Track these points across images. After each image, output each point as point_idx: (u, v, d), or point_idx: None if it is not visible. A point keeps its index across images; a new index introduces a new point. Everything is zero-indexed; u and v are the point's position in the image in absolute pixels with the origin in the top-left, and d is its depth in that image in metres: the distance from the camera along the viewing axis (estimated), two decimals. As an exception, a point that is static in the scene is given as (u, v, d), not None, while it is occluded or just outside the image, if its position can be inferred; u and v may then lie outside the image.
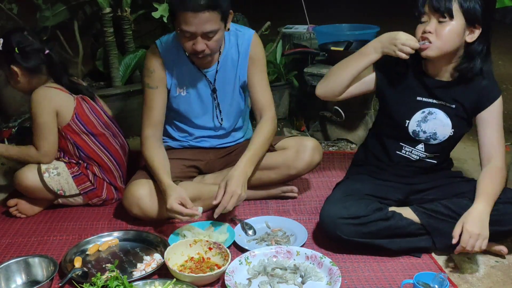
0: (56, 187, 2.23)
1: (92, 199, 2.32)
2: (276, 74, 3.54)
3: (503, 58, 5.29)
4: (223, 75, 2.20)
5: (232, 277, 1.74)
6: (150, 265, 1.85)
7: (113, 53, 3.33)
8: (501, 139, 1.94)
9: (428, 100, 1.96)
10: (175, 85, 2.20)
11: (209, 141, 2.35)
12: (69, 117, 2.22)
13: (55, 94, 2.21)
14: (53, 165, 2.25)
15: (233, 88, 2.24)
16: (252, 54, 2.20)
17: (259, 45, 2.23)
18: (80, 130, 2.25)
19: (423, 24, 1.85)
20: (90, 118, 2.28)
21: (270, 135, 2.20)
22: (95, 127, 2.29)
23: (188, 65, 2.17)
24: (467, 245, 1.74)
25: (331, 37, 3.40)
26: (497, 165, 1.90)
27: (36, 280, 1.79)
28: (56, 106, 2.20)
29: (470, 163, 2.79)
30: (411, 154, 2.03)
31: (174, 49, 2.16)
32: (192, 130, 2.32)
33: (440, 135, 1.97)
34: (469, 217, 1.77)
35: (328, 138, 3.22)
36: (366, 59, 1.94)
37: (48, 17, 3.24)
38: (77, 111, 2.23)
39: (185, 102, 2.23)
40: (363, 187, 2.01)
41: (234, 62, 2.21)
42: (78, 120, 2.24)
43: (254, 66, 2.22)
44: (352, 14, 5.50)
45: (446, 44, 1.83)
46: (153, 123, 2.19)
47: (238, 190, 2.00)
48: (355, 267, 1.86)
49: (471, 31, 1.84)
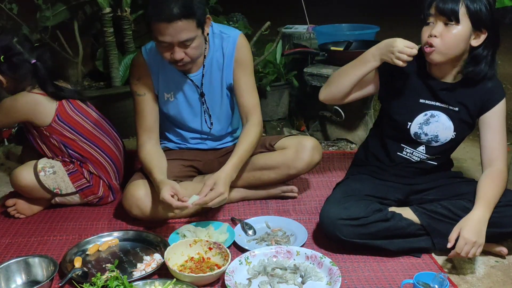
0: (52, 186, 2.23)
1: (88, 197, 2.31)
2: (276, 74, 3.54)
3: (503, 58, 5.29)
4: (209, 79, 2.19)
5: (232, 277, 1.74)
6: (150, 265, 1.85)
7: (113, 53, 3.33)
8: (503, 142, 1.93)
9: (431, 103, 1.96)
10: (162, 91, 2.20)
11: (206, 143, 2.35)
12: (49, 119, 2.22)
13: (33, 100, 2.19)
14: (49, 164, 2.25)
15: (221, 91, 2.22)
16: (237, 57, 2.16)
17: (245, 47, 2.18)
18: (65, 130, 2.25)
19: (429, 27, 1.83)
20: (75, 119, 2.27)
21: (256, 140, 2.18)
22: (82, 127, 2.29)
23: (173, 70, 2.15)
24: (462, 252, 1.74)
25: (331, 37, 3.40)
26: (499, 168, 1.89)
27: (36, 280, 1.79)
28: (28, 115, 2.20)
29: (470, 163, 2.79)
30: (412, 155, 2.03)
31: (158, 55, 2.13)
32: (186, 133, 2.32)
33: (441, 138, 1.97)
34: (467, 223, 1.77)
35: (328, 138, 3.22)
36: (366, 67, 1.94)
37: (48, 17, 3.24)
38: (58, 112, 2.22)
39: (174, 107, 2.23)
40: (363, 187, 2.01)
41: (219, 65, 2.18)
42: (60, 121, 2.23)
43: (239, 69, 2.17)
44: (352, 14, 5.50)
45: (451, 48, 1.82)
46: (147, 129, 2.19)
47: (226, 193, 1.99)
48: (355, 267, 1.86)
49: (477, 35, 1.82)
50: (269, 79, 3.46)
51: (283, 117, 3.64)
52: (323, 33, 3.50)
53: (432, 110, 1.96)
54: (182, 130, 2.32)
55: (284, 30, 3.87)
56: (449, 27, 1.80)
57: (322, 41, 3.37)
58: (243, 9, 4.05)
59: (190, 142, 2.34)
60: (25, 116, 2.21)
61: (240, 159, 2.10)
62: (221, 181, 1.99)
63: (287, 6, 4.88)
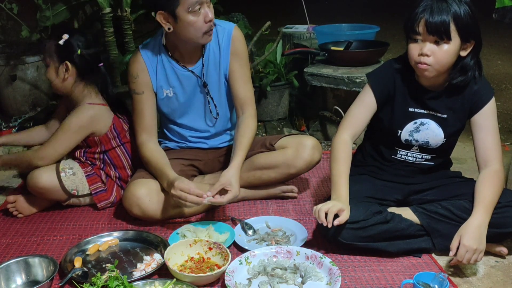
0: (71, 187, 2.23)
1: (101, 202, 2.30)
2: (276, 74, 3.54)
3: (503, 58, 5.29)
4: (209, 69, 2.21)
5: (232, 277, 1.74)
6: (150, 265, 1.85)
7: (113, 53, 3.33)
8: (496, 141, 1.92)
9: (420, 111, 1.96)
10: (161, 87, 2.21)
11: (206, 142, 2.36)
12: (106, 129, 2.26)
13: (99, 113, 2.23)
14: (68, 165, 2.25)
15: (219, 82, 2.24)
16: (233, 49, 2.19)
17: (240, 38, 2.22)
18: (114, 139, 2.29)
19: (418, 44, 1.81)
20: (124, 128, 2.33)
21: (254, 133, 2.22)
22: (125, 136, 2.34)
23: (173, 65, 2.18)
24: (464, 259, 1.75)
25: (331, 37, 3.40)
26: (494, 169, 1.89)
27: (36, 280, 1.79)
28: (93, 128, 2.23)
29: (470, 163, 2.79)
30: (407, 156, 2.03)
31: (156, 52, 2.17)
32: (185, 131, 2.32)
33: (432, 143, 1.98)
34: (467, 230, 1.76)
35: (328, 138, 3.22)
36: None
37: (49, 17, 3.24)
38: (114, 122, 2.28)
39: (173, 103, 2.24)
40: (362, 189, 2.01)
41: (216, 58, 2.21)
42: (114, 130, 2.28)
43: (235, 61, 2.21)
44: (352, 14, 5.51)
45: (445, 65, 1.82)
46: (146, 128, 2.20)
47: (237, 189, 2.02)
48: (355, 267, 1.86)
49: (465, 46, 1.82)
50: (270, 79, 3.46)
51: (283, 117, 3.64)
52: (324, 33, 3.50)
53: (421, 118, 1.96)
54: (181, 128, 2.32)
55: (285, 30, 3.87)
56: (439, 46, 1.78)
57: (323, 41, 3.38)
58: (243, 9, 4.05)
59: (190, 140, 2.34)
60: (91, 130, 2.23)
61: (245, 153, 2.14)
62: (234, 180, 2.03)
63: (287, 6, 4.88)
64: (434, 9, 1.75)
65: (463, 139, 2.67)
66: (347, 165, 1.96)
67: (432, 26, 1.75)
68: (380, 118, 2.01)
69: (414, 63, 1.84)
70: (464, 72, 1.86)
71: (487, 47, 5.28)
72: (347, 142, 1.99)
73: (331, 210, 1.78)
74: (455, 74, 1.86)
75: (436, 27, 1.75)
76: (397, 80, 1.96)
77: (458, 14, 1.75)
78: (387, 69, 2.00)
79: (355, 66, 3.15)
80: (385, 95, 1.98)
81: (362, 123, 2.02)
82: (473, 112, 1.93)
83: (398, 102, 1.97)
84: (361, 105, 2.01)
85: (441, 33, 1.75)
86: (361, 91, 2.05)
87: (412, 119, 1.96)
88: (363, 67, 3.12)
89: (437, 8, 1.75)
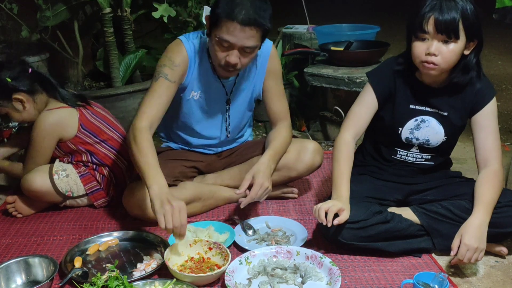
0: (65, 189, 2.23)
1: (98, 200, 2.31)
2: (276, 74, 3.54)
3: (503, 58, 5.30)
4: (239, 87, 2.19)
5: (232, 277, 1.74)
6: (150, 265, 1.85)
7: (113, 53, 3.33)
8: (497, 141, 1.92)
9: (421, 108, 1.96)
10: (190, 88, 2.14)
11: (212, 149, 2.35)
12: (75, 130, 2.22)
13: (58, 117, 2.20)
14: (61, 167, 2.25)
15: (247, 100, 2.23)
16: (270, 67, 2.19)
17: (276, 56, 2.22)
18: (89, 138, 2.26)
19: (424, 43, 1.80)
20: (96, 125, 2.28)
21: (289, 139, 2.22)
22: (103, 132, 2.29)
23: (209, 71, 2.12)
24: (464, 258, 1.75)
25: (332, 37, 3.40)
26: (494, 169, 1.89)
27: (36, 280, 1.79)
28: (59, 133, 2.20)
29: (470, 163, 2.79)
30: (407, 157, 2.03)
31: (199, 51, 2.09)
32: (192, 139, 2.29)
33: (433, 142, 1.98)
34: (467, 229, 1.77)
35: (328, 138, 3.22)
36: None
37: (49, 17, 3.24)
38: (81, 121, 2.23)
39: (195, 106, 2.19)
40: (362, 189, 2.01)
41: (251, 74, 2.19)
42: (85, 130, 2.24)
43: (271, 78, 2.21)
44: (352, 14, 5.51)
45: (450, 63, 1.82)
46: (151, 117, 2.00)
47: (266, 183, 1.99)
48: (355, 267, 1.86)
49: (469, 45, 1.82)
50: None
51: (283, 117, 3.64)
52: (324, 33, 3.50)
53: (422, 116, 1.96)
54: (189, 136, 2.29)
55: (285, 30, 3.87)
56: (447, 44, 1.78)
57: (323, 41, 3.38)
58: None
59: (195, 146, 2.32)
60: (58, 136, 2.21)
61: (276, 152, 2.13)
62: (260, 173, 2.00)
63: (287, 6, 4.87)
64: (443, 7, 1.75)
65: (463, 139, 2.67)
66: (349, 165, 1.96)
67: (442, 25, 1.75)
68: (381, 117, 2.01)
69: (420, 62, 1.83)
70: (466, 71, 1.86)
71: (488, 48, 5.28)
72: (349, 142, 1.99)
73: (331, 209, 1.78)
74: (457, 73, 1.86)
75: (445, 26, 1.75)
76: (398, 78, 1.96)
77: (466, 13, 1.75)
78: (387, 68, 2.00)
79: (355, 66, 3.15)
80: (386, 93, 1.98)
81: (364, 122, 2.02)
82: (474, 111, 1.93)
83: (399, 99, 1.97)
84: (362, 105, 2.01)
85: (450, 31, 1.75)
86: (361, 91, 2.05)
87: (413, 116, 1.96)
88: (363, 67, 3.12)
89: (446, 7, 1.75)
